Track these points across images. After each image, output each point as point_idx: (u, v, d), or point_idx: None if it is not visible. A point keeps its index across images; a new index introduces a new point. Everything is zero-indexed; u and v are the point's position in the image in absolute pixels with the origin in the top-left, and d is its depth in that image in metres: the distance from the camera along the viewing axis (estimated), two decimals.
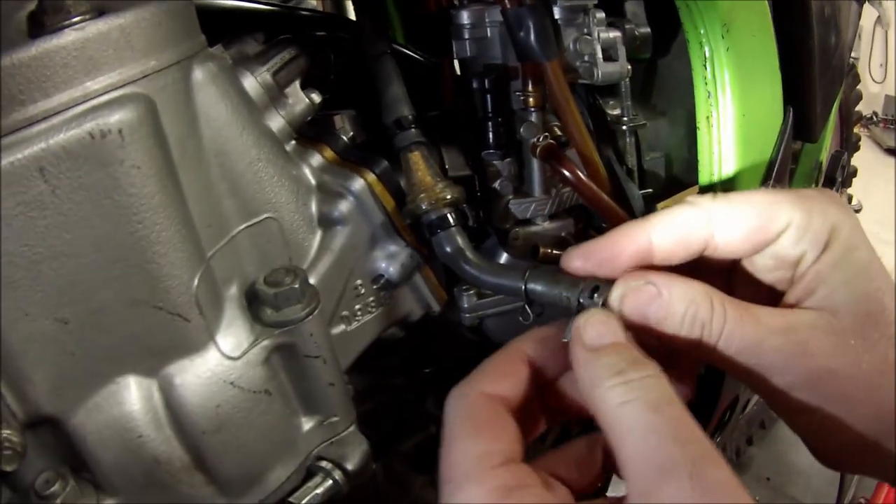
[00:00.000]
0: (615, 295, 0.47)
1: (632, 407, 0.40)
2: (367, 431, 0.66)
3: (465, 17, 0.69)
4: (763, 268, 0.51)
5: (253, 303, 0.59)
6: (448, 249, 0.62)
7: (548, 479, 0.49)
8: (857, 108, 1.53)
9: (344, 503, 0.61)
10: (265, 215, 0.61)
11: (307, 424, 0.62)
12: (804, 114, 0.84)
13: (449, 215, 0.63)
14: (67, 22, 0.47)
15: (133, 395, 0.52)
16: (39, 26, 0.47)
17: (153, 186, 0.50)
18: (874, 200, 2.69)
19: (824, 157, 1.09)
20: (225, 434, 0.55)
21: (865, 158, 1.61)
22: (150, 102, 0.51)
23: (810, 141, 0.86)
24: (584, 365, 0.44)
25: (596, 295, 0.48)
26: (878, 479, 0.52)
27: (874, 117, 5.43)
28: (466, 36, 0.70)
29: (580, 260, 0.50)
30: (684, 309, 0.46)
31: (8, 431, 0.47)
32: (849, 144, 1.37)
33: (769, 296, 0.51)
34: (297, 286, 0.57)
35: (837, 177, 1.09)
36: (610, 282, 0.48)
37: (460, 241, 0.62)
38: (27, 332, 0.48)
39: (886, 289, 0.48)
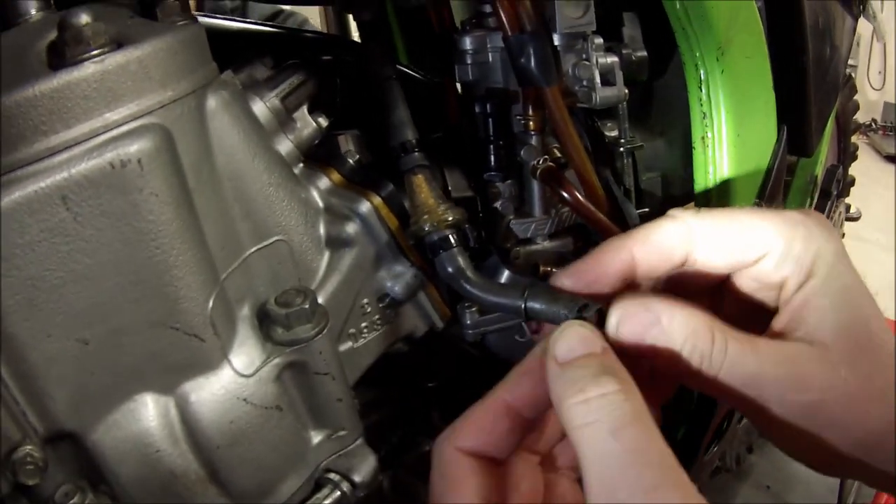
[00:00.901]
0: (612, 320, 0.47)
1: (591, 430, 0.40)
2: (374, 443, 0.68)
3: (467, 43, 0.72)
4: (747, 289, 0.52)
5: (264, 322, 0.61)
6: (450, 269, 0.65)
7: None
8: (855, 117, 1.54)
9: None
10: (276, 237, 0.63)
11: (316, 438, 0.64)
12: (799, 129, 0.86)
13: (451, 236, 0.65)
14: (87, 54, 0.49)
15: (150, 411, 0.55)
16: (60, 57, 0.49)
17: (171, 213, 0.52)
18: (874, 208, 2.71)
19: (820, 170, 1.11)
20: (238, 448, 0.57)
21: (865, 166, 1.62)
22: (167, 132, 0.53)
23: (805, 156, 0.88)
24: (552, 380, 0.44)
25: (584, 312, 0.48)
26: (867, 486, 0.53)
27: (873, 124, 5.46)
28: (469, 61, 0.72)
29: (569, 280, 0.51)
30: (683, 339, 0.46)
31: (30, 447, 0.49)
32: (846, 155, 1.39)
33: (755, 316, 0.52)
34: (307, 306, 0.60)
35: (833, 190, 1.11)
36: (602, 299, 0.49)
37: (461, 261, 0.65)
38: (49, 352, 0.50)
39: (872, 314, 0.49)
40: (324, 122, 0.70)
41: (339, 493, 0.62)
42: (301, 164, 0.69)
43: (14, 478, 0.49)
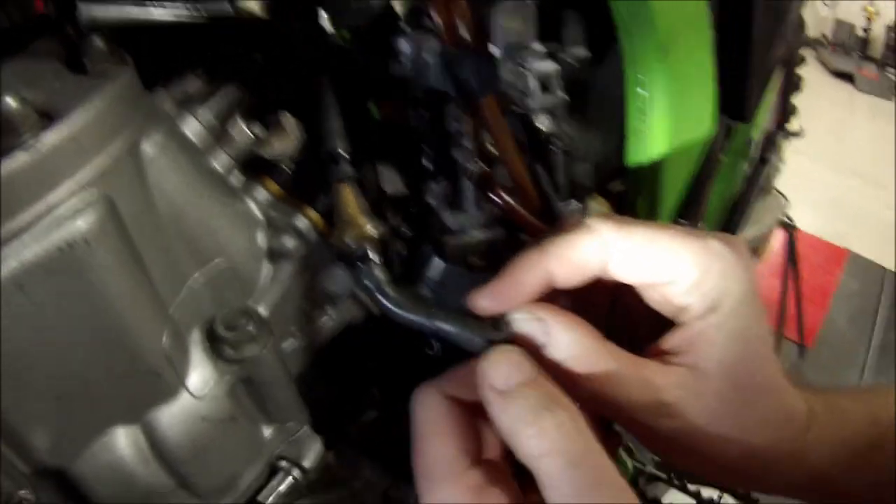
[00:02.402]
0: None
1: (550, 460, 0.45)
2: (321, 417, 0.83)
3: (405, 46, 0.74)
4: (651, 300, 0.58)
5: (213, 341, 0.71)
6: (366, 282, 0.67)
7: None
8: (804, 35, 1.52)
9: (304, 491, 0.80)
10: (218, 259, 0.71)
11: (268, 431, 0.78)
12: (737, 93, 0.93)
13: (370, 252, 0.68)
14: (20, 140, 0.52)
15: (122, 441, 0.66)
16: None
17: (122, 279, 0.59)
18: (817, 124, 2.69)
19: (757, 133, 1.17)
20: (202, 458, 0.70)
21: (811, 81, 1.59)
22: (109, 200, 0.57)
23: (742, 121, 0.94)
24: (497, 411, 0.48)
25: (497, 332, 0.52)
26: None
27: (823, 39, 5.47)
28: (405, 61, 0.75)
29: (487, 300, 0.54)
30: (566, 357, 0.52)
31: (23, 491, 0.62)
32: (790, 85, 1.42)
33: (652, 323, 0.59)
34: (250, 328, 0.70)
35: (770, 156, 1.16)
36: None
37: (379, 274, 0.67)
38: (28, 410, 0.60)
39: (764, 357, 0.55)
40: (259, 131, 0.74)
41: (290, 478, 0.78)
42: (238, 174, 0.75)
43: None
